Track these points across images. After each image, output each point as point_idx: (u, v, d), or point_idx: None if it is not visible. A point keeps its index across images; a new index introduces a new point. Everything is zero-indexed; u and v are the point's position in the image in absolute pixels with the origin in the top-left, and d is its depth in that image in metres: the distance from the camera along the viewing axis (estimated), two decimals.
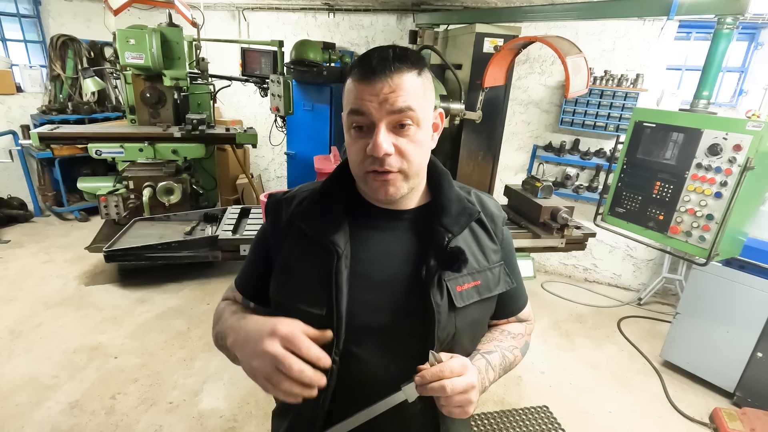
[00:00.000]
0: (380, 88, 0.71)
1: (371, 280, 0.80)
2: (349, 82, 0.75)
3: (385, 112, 0.72)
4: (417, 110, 0.74)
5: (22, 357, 2.67)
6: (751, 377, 2.54)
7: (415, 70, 0.74)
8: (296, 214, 0.84)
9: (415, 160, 0.77)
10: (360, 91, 0.72)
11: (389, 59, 0.72)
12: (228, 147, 4.37)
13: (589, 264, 4.23)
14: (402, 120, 0.73)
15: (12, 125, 4.66)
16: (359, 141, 0.75)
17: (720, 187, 1.81)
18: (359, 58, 0.76)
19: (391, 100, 0.71)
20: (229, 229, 2.29)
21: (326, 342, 0.72)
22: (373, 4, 4.31)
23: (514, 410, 2.50)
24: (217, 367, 2.67)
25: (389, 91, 0.71)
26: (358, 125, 0.74)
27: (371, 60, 0.72)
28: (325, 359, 0.67)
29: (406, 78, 0.72)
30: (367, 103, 0.72)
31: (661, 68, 3.63)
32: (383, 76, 0.71)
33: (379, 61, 0.71)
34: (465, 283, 0.82)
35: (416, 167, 0.78)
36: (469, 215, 0.85)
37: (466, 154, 2.90)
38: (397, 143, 0.74)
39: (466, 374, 0.73)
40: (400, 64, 0.72)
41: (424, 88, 0.76)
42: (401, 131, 0.74)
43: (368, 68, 0.72)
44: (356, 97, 0.73)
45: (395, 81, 0.71)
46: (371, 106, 0.72)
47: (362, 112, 0.72)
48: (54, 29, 4.84)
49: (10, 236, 4.33)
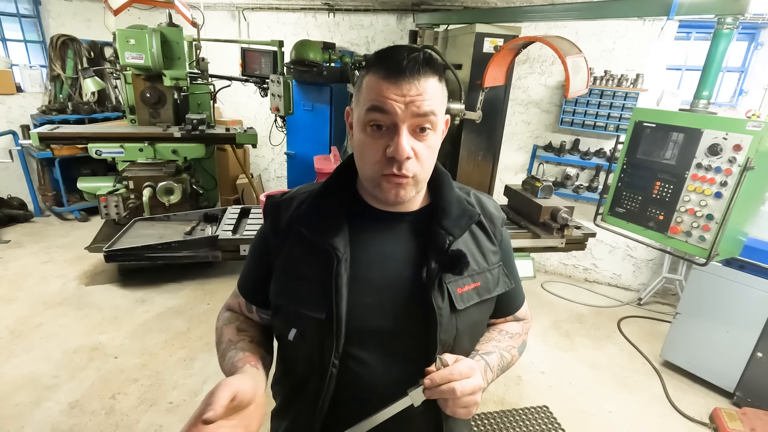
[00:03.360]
0: (408, 89, 0.70)
1: (371, 282, 0.80)
2: (370, 77, 0.73)
3: (410, 114, 0.71)
4: (438, 115, 0.74)
5: (22, 357, 2.67)
6: (751, 377, 2.54)
7: (438, 75, 0.73)
8: (296, 217, 0.83)
9: (428, 166, 0.77)
10: (385, 89, 0.70)
11: (419, 61, 0.70)
12: (228, 147, 4.37)
13: (589, 264, 4.23)
14: (423, 124, 0.72)
15: (12, 125, 4.66)
16: (377, 141, 0.73)
17: (720, 187, 1.80)
18: (382, 54, 0.74)
19: (418, 102, 0.70)
20: (229, 229, 2.29)
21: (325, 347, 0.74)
22: (373, 4, 4.31)
23: (514, 410, 2.50)
24: (217, 367, 2.65)
25: (416, 93, 0.70)
26: (377, 124, 0.73)
27: (400, 59, 0.70)
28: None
29: (431, 82, 0.72)
30: (392, 103, 0.70)
31: (661, 68, 3.63)
32: (412, 78, 0.70)
33: (409, 61, 0.70)
34: (465, 285, 0.82)
35: (428, 173, 0.78)
36: (470, 217, 0.85)
37: (466, 154, 2.90)
38: (415, 147, 0.73)
39: (474, 376, 0.74)
40: (428, 68, 0.71)
41: (444, 95, 0.76)
42: (421, 135, 0.73)
43: (396, 67, 0.70)
44: (381, 95, 0.71)
45: (422, 84, 0.70)
46: (396, 106, 0.70)
47: (385, 111, 0.71)
48: (54, 29, 4.84)
49: (10, 236, 4.33)
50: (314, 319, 0.77)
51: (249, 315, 0.96)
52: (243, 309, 0.96)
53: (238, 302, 0.96)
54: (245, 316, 0.96)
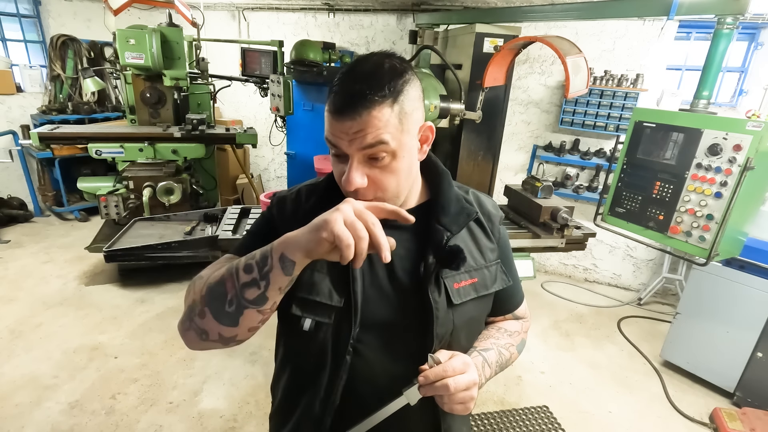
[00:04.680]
0: (349, 126, 0.69)
1: (374, 275, 0.82)
2: (326, 107, 0.73)
3: (355, 148, 0.71)
4: (391, 142, 0.71)
5: (22, 357, 2.67)
6: (751, 377, 2.54)
7: (389, 98, 0.69)
8: (307, 210, 0.84)
9: (391, 188, 0.76)
10: (331, 125, 0.72)
11: (358, 95, 0.68)
12: (228, 147, 4.37)
13: (589, 264, 4.23)
14: (375, 154, 0.71)
15: (12, 125, 4.67)
16: (338, 166, 0.76)
17: (720, 187, 1.80)
18: (337, 82, 0.72)
19: (360, 137, 0.70)
20: (229, 229, 2.29)
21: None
22: (373, 4, 4.31)
23: (514, 410, 2.50)
24: (217, 367, 2.67)
25: (357, 129, 0.69)
26: (335, 151, 0.74)
27: (344, 93, 0.70)
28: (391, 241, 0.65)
29: (376, 113, 0.68)
30: (338, 139, 0.71)
31: (661, 68, 3.63)
32: (352, 113, 0.68)
33: (348, 97, 0.69)
34: (462, 281, 0.83)
35: (393, 193, 0.77)
36: (468, 215, 0.87)
37: (466, 154, 2.90)
38: (371, 174, 0.73)
39: (468, 371, 0.74)
40: (372, 96, 0.68)
41: (401, 116, 0.72)
42: (375, 163, 0.73)
43: (337, 104, 0.70)
44: (329, 130, 0.72)
45: (364, 118, 0.68)
46: (342, 143, 0.71)
47: (334, 145, 0.73)
48: (54, 29, 4.84)
49: (10, 236, 4.33)
50: (332, 308, 0.79)
51: None
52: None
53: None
54: None
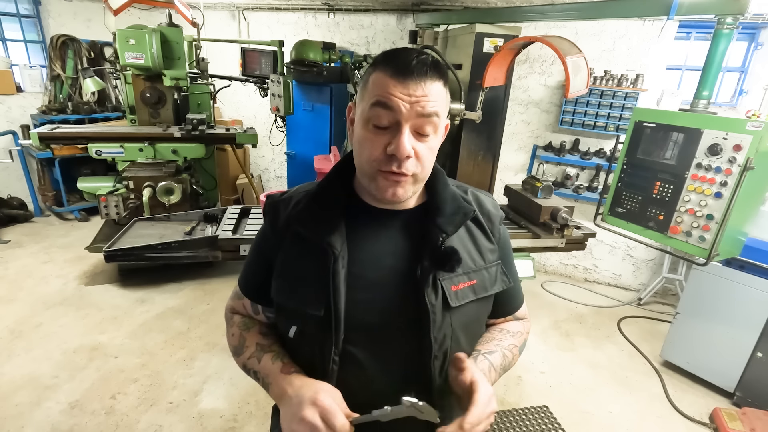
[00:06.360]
0: (414, 89, 0.71)
1: (367, 279, 0.80)
2: (378, 75, 0.74)
3: (414, 114, 0.72)
4: (441, 117, 0.75)
5: (22, 357, 2.67)
6: (751, 377, 2.54)
7: (443, 80, 0.75)
8: (293, 216, 0.84)
9: (428, 166, 0.78)
10: (391, 87, 0.71)
11: (427, 64, 0.72)
12: (228, 147, 4.36)
13: (589, 264, 4.23)
14: (426, 125, 0.73)
15: (12, 125, 4.66)
16: (378, 137, 0.74)
17: (720, 187, 1.80)
18: (391, 53, 0.75)
19: (423, 103, 0.71)
20: (229, 229, 2.29)
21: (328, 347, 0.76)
22: (373, 4, 4.31)
23: (514, 410, 2.50)
24: (217, 367, 2.67)
25: (422, 94, 0.71)
26: (379, 120, 0.74)
27: (409, 59, 0.72)
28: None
29: (437, 85, 0.73)
30: (398, 100, 0.71)
31: (661, 68, 3.63)
32: (419, 79, 0.71)
33: (418, 62, 0.72)
34: (460, 283, 0.82)
35: (427, 173, 0.79)
36: (464, 214, 0.85)
37: (466, 154, 2.90)
38: (416, 147, 0.74)
39: (492, 404, 0.75)
40: (435, 71, 0.73)
41: (447, 99, 0.77)
42: (422, 136, 0.75)
43: (405, 66, 0.71)
44: (387, 91, 0.72)
45: (428, 86, 0.72)
46: (401, 104, 0.71)
47: (390, 107, 0.72)
48: (54, 29, 4.84)
49: (10, 236, 4.33)
50: (313, 317, 0.78)
51: (255, 316, 0.96)
52: (248, 310, 0.96)
53: (242, 303, 0.95)
54: (251, 317, 0.96)
